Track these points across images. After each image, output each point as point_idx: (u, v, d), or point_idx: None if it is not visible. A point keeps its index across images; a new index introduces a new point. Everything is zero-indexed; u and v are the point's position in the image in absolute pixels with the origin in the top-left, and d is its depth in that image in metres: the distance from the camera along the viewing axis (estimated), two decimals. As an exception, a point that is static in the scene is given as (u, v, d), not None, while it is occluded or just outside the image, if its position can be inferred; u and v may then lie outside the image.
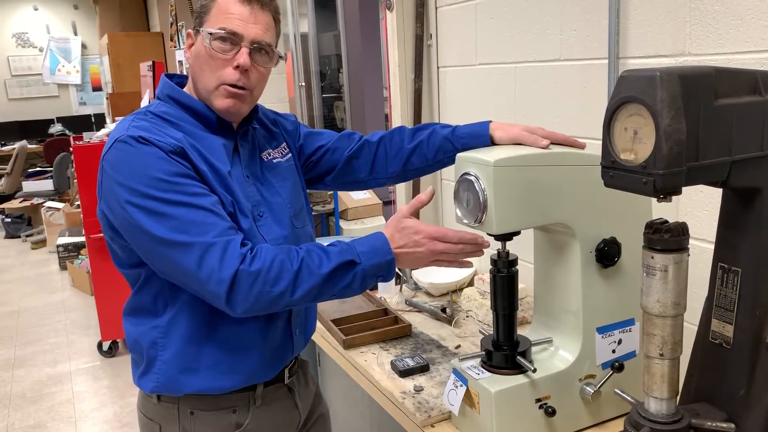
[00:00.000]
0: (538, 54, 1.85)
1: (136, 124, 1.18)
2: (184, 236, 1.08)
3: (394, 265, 1.19)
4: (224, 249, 1.08)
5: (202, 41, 1.22)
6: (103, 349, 4.01)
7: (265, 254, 1.10)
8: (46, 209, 6.69)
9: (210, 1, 1.24)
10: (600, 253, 1.33)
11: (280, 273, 1.09)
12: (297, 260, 1.11)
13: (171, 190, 1.09)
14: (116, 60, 7.56)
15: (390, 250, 1.18)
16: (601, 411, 1.40)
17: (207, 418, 1.28)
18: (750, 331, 0.99)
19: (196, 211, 1.10)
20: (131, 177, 1.10)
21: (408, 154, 1.48)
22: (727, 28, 1.33)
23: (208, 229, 1.09)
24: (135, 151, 1.12)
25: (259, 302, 1.10)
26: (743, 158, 0.92)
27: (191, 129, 1.24)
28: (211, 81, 1.23)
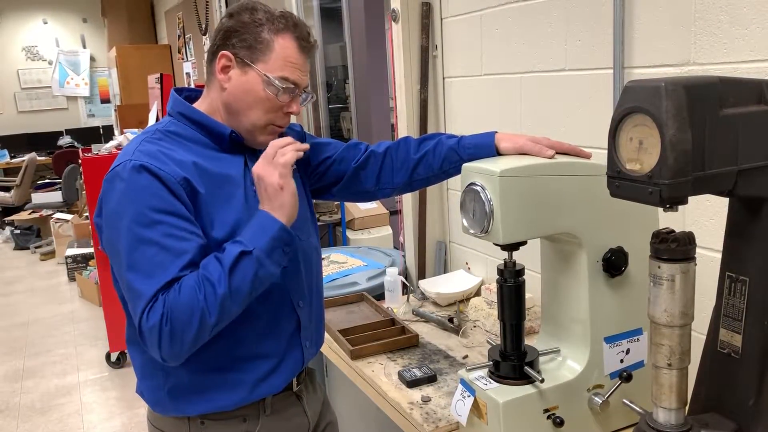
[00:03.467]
0: (544, 64, 1.86)
1: (143, 148, 1.18)
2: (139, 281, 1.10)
3: (287, 229, 1.18)
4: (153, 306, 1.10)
5: (258, 80, 1.22)
6: (111, 360, 4.02)
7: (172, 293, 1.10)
8: (55, 221, 6.73)
9: (265, 37, 1.22)
10: (607, 263, 1.33)
11: (190, 303, 1.09)
12: (201, 283, 1.11)
13: (151, 226, 1.11)
14: (124, 72, 7.62)
15: (272, 216, 1.17)
16: (609, 421, 1.39)
17: (217, 427, 1.28)
18: (758, 341, 0.99)
19: (163, 254, 1.11)
20: (121, 206, 1.14)
21: (414, 165, 1.48)
22: (732, 37, 1.34)
23: (162, 274, 1.10)
24: (128, 181, 1.14)
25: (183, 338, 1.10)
26: (750, 167, 0.92)
27: (201, 149, 1.25)
28: (261, 120, 1.26)
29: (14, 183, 8.02)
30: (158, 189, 1.13)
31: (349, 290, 2.32)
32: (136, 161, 1.15)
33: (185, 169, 1.18)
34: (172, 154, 1.19)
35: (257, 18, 1.22)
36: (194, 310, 1.09)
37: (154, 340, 1.09)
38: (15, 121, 9.44)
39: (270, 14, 1.23)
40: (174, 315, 1.08)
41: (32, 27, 9.57)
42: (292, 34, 1.23)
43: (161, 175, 1.14)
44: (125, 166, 1.15)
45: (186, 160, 1.20)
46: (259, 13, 1.23)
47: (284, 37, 1.23)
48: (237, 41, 1.22)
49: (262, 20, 1.22)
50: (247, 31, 1.21)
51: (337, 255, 2.79)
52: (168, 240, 1.11)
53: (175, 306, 1.08)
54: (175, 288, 1.10)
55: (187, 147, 1.23)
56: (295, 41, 1.24)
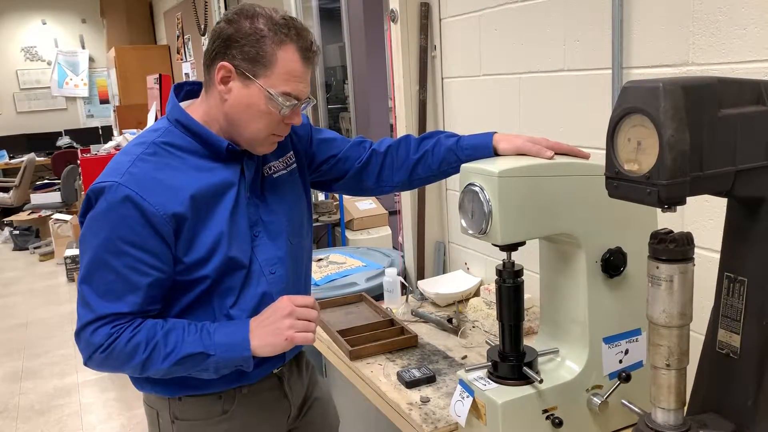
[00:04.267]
0: (542, 64, 1.86)
1: (136, 170, 1.18)
2: (92, 297, 1.17)
3: (251, 360, 1.23)
4: (102, 325, 1.17)
5: (260, 95, 1.19)
6: (111, 361, 4.02)
7: (124, 336, 1.17)
8: (54, 221, 6.72)
9: (267, 49, 1.17)
10: (606, 263, 1.33)
11: (131, 354, 1.17)
12: (151, 345, 1.17)
13: (115, 255, 1.16)
14: (123, 73, 7.62)
15: (248, 345, 1.21)
16: (608, 422, 1.39)
17: (194, 403, 1.33)
18: (757, 341, 0.99)
19: (120, 283, 1.17)
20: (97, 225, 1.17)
21: (413, 165, 1.49)
22: (731, 37, 1.34)
23: (117, 303, 1.17)
24: (110, 204, 1.16)
25: (111, 370, 1.23)
26: (748, 168, 0.92)
27: (197, 161, 1.24)
28: (263, 133, 1.24)
29: (13, 184, 8.01)
30: (136, 223, 1.15)
31: (348, 291, 2.32)
32: (124, 188, 1.15)
33: (177, 199, 1.19)
34: (166, 180, 1.19)
35: (258, 28, 1.17)
36: (131, 361, 1.18)
37: (86, 352, 1.19)
38: (14, 121, 9.44)
39: (271, 23, 1.18)
40: (112, 353, 1.17)
41: (31, 27, 9.57)
42: (294, 46, 1.19)
43: (146, 209, 1.15)
44: (114, 189, 1.15)
45: (183, 186, 1.20)
46: (260, 22, 1.17)
47: (286, 50, 1.18)
48: (237, 52, 1.17)
49: (263, 31, 1.17)
50: (247, 43, 1.16)
51: (336, 255, 2.79)
52: (127, 271, 1.17)
53: (117, 347, 1.17)
54: (127, 333, 1.17)
55: (183, 160, 1.23)
56: (297, 53, 1.19)
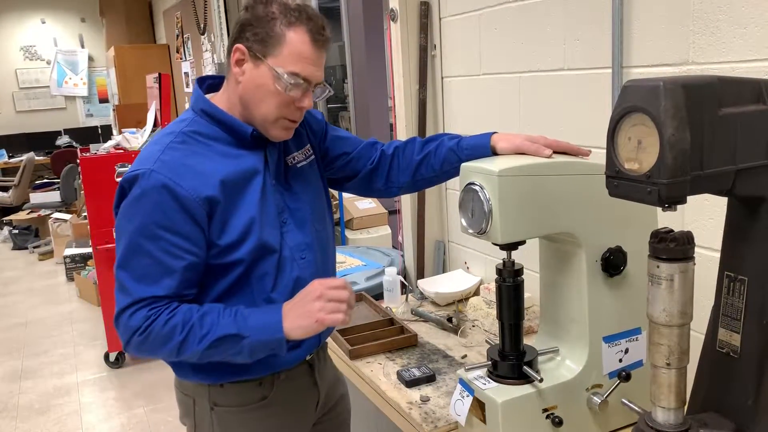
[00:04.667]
0: (542, 64, 1.86)
1: (167, 158, 1.22)
2: (129, 281, 1.20)
3: (284, 342, 1.24)
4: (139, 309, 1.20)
5: (269, 74, 1.22)
6: (110, 360, 4.01)
7: (161, 318, 1.20)
8: (54, 221, 6.71)
9: (278, 29, 1.21)
10: (606, 262, 1.33)
11: (168, 336, 1.19)
12: (187, 328, 1.20)
13: (151, 239, 1.19)
14: (123, 72, 7.61)
15: (280, 327, 1.22)
16: (608, 421, 1.39)
17: (235, 389, 1.36)
18: (757, 341, 0.99)
19: (156, 267, 1.20)
20: (132, 211, 1.21)
21: (417, 166, 1.50)
22: (731, 36, 1.34)
23: (153, 287, 1.20)
24: (144, 191, 1.19)
25: (149, 354, 1.24)
26: (748, 167, 0.92)
27: (223, 147, 1.28)
28: (273, 114, 1.26)
29: (12, 183, 8.00)
30: (170, 208, 1.19)
31: (348, 290, 2.31)
32: (157, 175, 1.19)
33: (209, 185, 1.22)
34: (196, 166, 1.23)
35: (271, 11, 1.22)
36: (167, 344, 1.20)
37: (124, 336, 1.22)
38: (13, 120, 9.43)
39: (284, 7, 1.22)
40: (150, 336, 1.19)
41: (30, 27, 9.56)
42: (304, 28, 1.22)
43: (179, 194, 1.19)
44: (147, 177, 1.19)
45: (213, 172, 1.23)
46: (274, 6, 1.22)
47: (296, 31, 1.21)
48: (251, 35, 1.22)
49: (275, 13, 1.21)
50: (260, 25, 1.21)
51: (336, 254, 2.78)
52: (163, 255, 1.19)
53: (154, 329, 1.19)
54: (164, 316, 1.19)
55: (210, 147, 1.27)
56: (307, 34, 1.22)
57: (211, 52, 5.83)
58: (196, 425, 1.40)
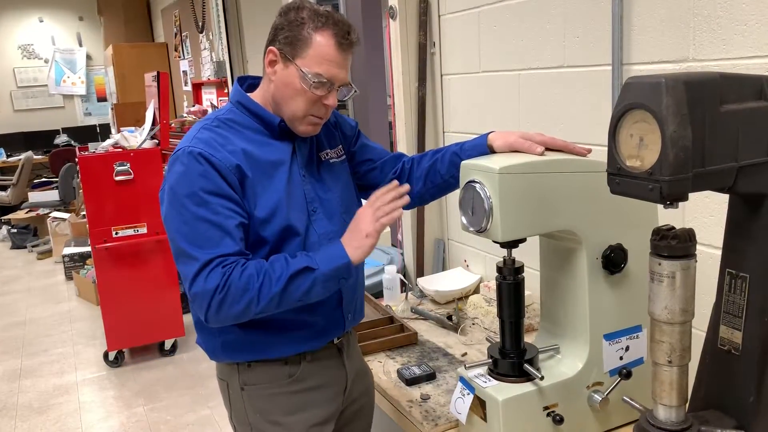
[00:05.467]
0: (542, 61, 1.85)
1: (201, 136, 1.33)
2: (193, 249, 1.26)
3: (351, 266, 1.30)
4: (212, 270, 1.25)
5: (296, 74, 1.32)
6: (109, 359, 4.00)
7: (236, 272, 1.25)
8: (52, 219, 6.70)
9: (305, 33, 1.31)
10: (606, 260, 1.33)
11: (246, 286, 1.24)
12: (261, 274, 1.26)
13: (202, 205, 1.27)
14: (121, 71, 7.60)
15: (344, 252, 1.30)
16: (609, 419, 1.39)
17: (262, 369, 1.43)
18: (759, 338, 0.98)
19: (214, 229, 1.27)
20: (178, 186, 1.30)
21: (425, 174, 1.54)
22: (731, 33, 1.33)
23: (216, 248, 1.26)
24: (186, 165, 1.29)
25: (229, 312, 1.26)
26: (750, 164, 0.91)
27: (253, 135, 1.39)
28: (300, 111, 1.36)
29: (11, 182, 7.99)
30: (210, 174, 1.28)
31: (348, 288, 2.31)
32: (194, 148, 1.29)
33: (236, 156, 1.32)
34: (225, 143, 1.33)
35: (301, 16, 1.31)
36: (247, 293, 1.24)
37: (204, 303, 1.25)
38: (11, 119, 9.41)
39: (313, 12, 1.32)
40: (229, 290, 1.24)
41: (28, 25, 9.53)
42: (330, 32, 1.31)
43: (214, 161, 1.29)
44: (184, 152, 1.30)
45: (237, 148, 1.34)
46: (304, 12, 1.32)
47: (323, 35, 1.31)
48: (282, 38, 1.33)
49: (304, 18, 1.31)
50: (290, 29, 1.32)
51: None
52: (216, 217, 1.27)
53: (233, 282, 1.24)
54: (238, 269, 1.25)
55: (241, 133, 1.38)
56: (333, 38, 1.31)
57: (210, 50, 5.82)
58: (232, 408, 1.47)
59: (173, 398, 3.58)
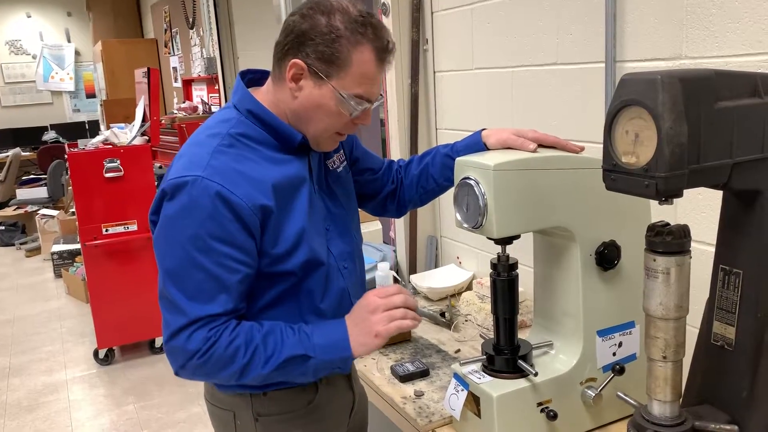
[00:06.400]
0: (535, 58, 1.85)
1: (216, 163, 1.12)
2: (182, 299, 1.11)
3: (351, 360, 1.20)
4: (197, 329, 1.11)
5: (332, 96, 1.15)
6: (100, 357, 3.98)
7: (223, 340, 1.12)
8: (41, 217, 6.66)
9: (343, 51, 1.12)
10: (600, 257, 1.33)
11: (232, 359, 1.12)
12: (251, 349, 1.13)
13: (204, 252, 1.10)
14: (110, 67, 7.55)
15: (348, 345, 1.18)
16: (602, 414, 1.39)
17: (280, 397, 1.30)
18: (752, 333, 0.99)
19: (211, 282, 1.11)
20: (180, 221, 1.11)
21: (417, 179, 1.51)
22: (724, 31, 1.34)
23: (210, 304, 1.11)
24: (195, 199, 1.10)
25: (205, 378, 1.19)
26: (744, 161, 0.92)
27: (271, 153, 1.20)
28: (330, 131, 1.22)
29: (-2, 179, 7.92)
30: (224, 218, 1.10)
31: (340, 285, 2.30)
32: (211, 183, 1.09)
33: (262, 190, 1.14)
34: (248, 172, 1.14)
35: (334, 26, 1.11)
36: (229, 366, 1.12)
37: (179, 360, 1.12)
38: (-1, 116, 9.34)
39: (348, 20, 1.12)
40: (211, 358, 1.11)
41: (15, 21, 9.44)
42: (370, 46, 1.13)
43: (234, 202, 1.10)
44: (198, 183, 1.09)
45: (264, 178, 1.16)
46: (337, 19, 1.12)
47: (362, 51, 1.13)
48: (311, 51, 1.12)
49: (339, 30, 1.11)
50: (323, 42, 1.11)
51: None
52: (217, 269, 1.11)
53: (216, 351, 1.11)
54: (226, 336, 1.11)
55: (258, 152, 1.19)
56: (373, 53, 1.14)
57: (200, 46, 5.79)
58: None
59: (164, 396, 3.56)
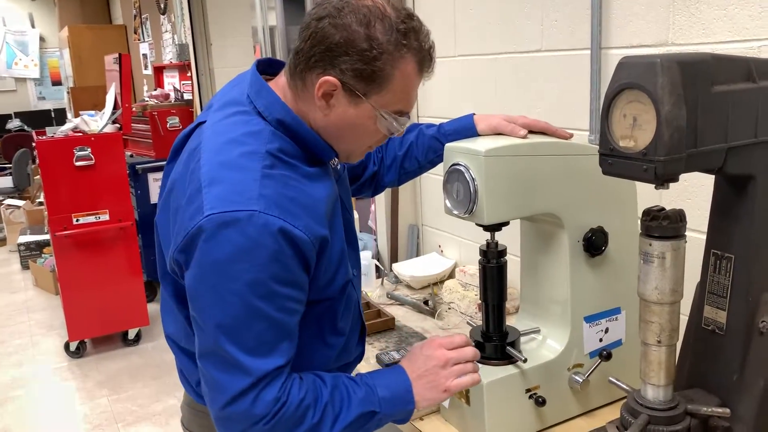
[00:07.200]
0: (519, 45, 1.85)
1: (268, 192, 0.95)
2: (243, 355, 0.95)
3: (412, 413, 1.11)
4: (264, 389, 0.97)
5: (370, 115, 1.02)
6: (71, 350, 3.90)
7: (293, 399, 0.99)
8: (6, 207, 6.49)
9: (386, 68, 0.99)
10: (587, 243, 1.33)
11: (301, 419, 1.00)
12: (320, 407, 1.01)
13: (266, 298, 0.95)
14: (77, 53, 7.36)
15: (412, 398, 1.09)
16: (589, 400, 1.40)
17: None
18: (743, 317, 1.00)
19: (275, 331, 0.97)
20: (236, 265, 0.93)
21: (401, 161, 1.48)
22: (711, 17, 1.34)
23: (273, 356, 0.97)
24: (255, 240, 0.93)
25: None
26: (739, 145, 0.92)
27: (305, 169, 1.04)
28: (363, 148, 1.13)
29: (-39, 168, 7.69)
30: (287, 257, 0.95)
31: (321, 274, 2.28)
32: (271, 218, 0.93)
33: (317, 218, 1.00)
34: (298, 198, 0.98)
35: (376, 41, 0.97)
36: (296, 429, 1.00)
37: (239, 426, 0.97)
38: (-40, 103, 9.05)
39: (389, 28, 0.98)
40: (280, 422, 0.98)
41: (-24, 5, 9.17)
42: (413, 57, 1.01)
43: (297, 237, 0.95)
44: (255, 220, 0.92)
45: (314, 204, 1.01)
46: (377, 29, 0.97)
47: (406, 63, 1.00)
48: (347, 68, 0.98)
49: (381, 45, 0.97)
50: (362, 59, 0.97)
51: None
52: (280, 314, 0.97)
53: (286, 414, 0.98)
54: (295, 395, 0.99)
55: (296, 168, 1.03)
56: (415, 65, 1.02)
57: (172, 32, 5.67)
58: None
59: (138, 388, 3.50)
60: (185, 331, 1.13)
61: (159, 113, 4.59)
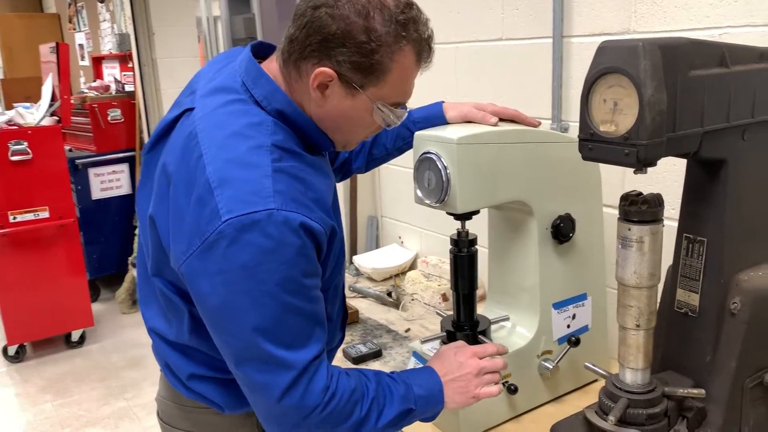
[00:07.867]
0: (479, 34, 1.84)
1: (283, 188, 0.93)
2: (283, 351, 0.95)
3: (439, 413, 1.14)
4: (311, 379, 0.97)
5: (367, 107, 1.00)
6: (9, 354, 3.71)
7: (342, 390, 1.00)
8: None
9: (384, 60, 0.96)
10: (556, 230, 1.34)
11: (350, 414, 1.01)
12: (366, 403, 1.03)
13: (296, 293, 0.94)
14: (7, 43, 7.01)
15: (442, 398, 1.12)
16: (558, 385, 1.41)
17: None
18: (715, 299, 1.02)
19: (308, 321, 0.97)
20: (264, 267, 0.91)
21: (369, 147, 1.45)
22: (672, 5, 1.36)
23: (310, 345, 0.97)
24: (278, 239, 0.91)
25: None
26: (713, 129, 0.93)
27: (308, 158, 1.02)
28: (358, 138, 1.11)
29: None
30: (310, 249, 0.95)
31: (280, 268, 2.24)
32: (290, 214, 0.91)
33: (326, 209, 1.00)
34: (308, 190, 0.97)
35: (374, 32, 0.94)
36: (344, 422, 1.01)
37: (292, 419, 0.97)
38: None
39: (388, 18, 0.95)
40: (332, 414, 0.99)
41: None
42: (412, 47, 0.98)
43: (314, 229, 0.94)
44: (275, 218, 0.90)
45: (322, 195, 1.00)
46: (376, 20, 0.94)
47: (404, 54, 0.98)
48: (344, 59, 0.95)
49: (380, 36, 0.94)
50: (359, 52, 0.94)
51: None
52: (309, 305, 0.97)
53: (337, 405, 0.99)
54: (343, 384, 1.00)
55: (301, 158, 1.01)
56: (414, 55, 0.99)
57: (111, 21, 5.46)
58: None
59: (85, 392, 3.37)
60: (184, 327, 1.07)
61: (99, 105, 4.41)
